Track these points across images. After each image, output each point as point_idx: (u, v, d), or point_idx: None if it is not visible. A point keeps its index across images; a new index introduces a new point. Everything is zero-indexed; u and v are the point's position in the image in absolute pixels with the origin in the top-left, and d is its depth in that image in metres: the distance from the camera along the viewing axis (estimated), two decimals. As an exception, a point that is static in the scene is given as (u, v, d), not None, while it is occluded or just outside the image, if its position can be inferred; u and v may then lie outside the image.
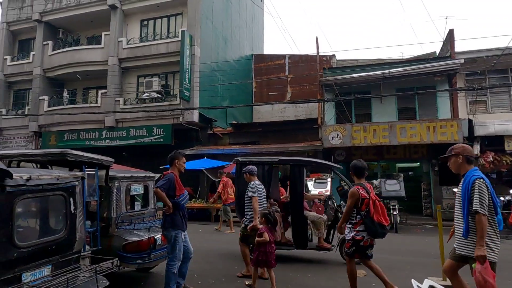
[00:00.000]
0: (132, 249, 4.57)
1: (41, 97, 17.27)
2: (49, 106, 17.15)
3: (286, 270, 5.82)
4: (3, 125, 18.33)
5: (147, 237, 4.68)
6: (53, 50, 17.52)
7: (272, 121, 17.13)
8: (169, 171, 4.55)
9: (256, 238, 4.75)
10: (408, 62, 14.90)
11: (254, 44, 23.38)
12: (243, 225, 5.60)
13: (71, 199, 3.21)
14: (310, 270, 5.86)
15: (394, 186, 10.65)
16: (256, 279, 4.82)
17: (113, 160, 4.80)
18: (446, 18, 19.78)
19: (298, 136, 15.12)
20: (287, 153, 12.97)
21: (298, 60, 20.33)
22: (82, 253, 3.54)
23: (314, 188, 11.61)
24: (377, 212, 4.12)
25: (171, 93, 16.07)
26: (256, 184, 5.48)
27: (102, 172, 4.80)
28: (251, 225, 5.18)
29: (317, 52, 15.22)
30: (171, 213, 4.32)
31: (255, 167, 5.88)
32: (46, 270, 2.82)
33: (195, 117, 14.91)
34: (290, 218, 6.61)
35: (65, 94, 17.39)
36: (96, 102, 16.64)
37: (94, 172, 4.55)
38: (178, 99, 15.06)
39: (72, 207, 3.19)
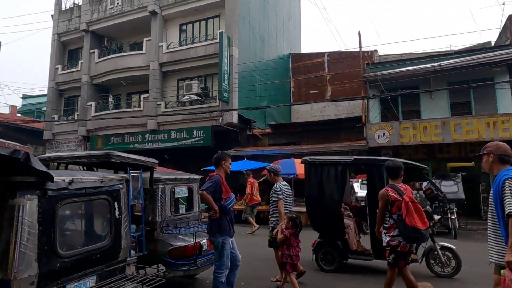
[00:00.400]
0: (178, 254, 4.39)
1: (88, 103, 18.09)
2: (96, 111, 17.93)
3: (342, 279, 5.38)
4: (56, 130, 19.47)
5: (193, 242, 4.47)
6: (99, 57, 18.30)
7: (312, 121, 16.56)
8: (214, 173, 4.30)
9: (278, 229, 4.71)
10: (460, 53, 13.71)
11: (292, 42, 22.95)
12: (270, 229, 5.30)
13: (116, 203, 3.03)
14: (373, 281, 5.29)
15: (451, 188, 9.74)
16: (296, 284, 4.61)
17: (157, 161, 4.66)
18: (504, 4, 18.06)
19: (340, 136, 14.49)
20: (330, 153, 12.40)
21: (338, 57, 19.58)
22: (127, 260, 3.36)
23: (360, 190, 10.97)
24: (411, 214, 3.78)
25: (210, 95, 16.10)
26: (280, 186, 5.16)
27: (146, 175, 4.67)
28: (276, 229, 4.94)
29: (360, 47, 14.51)
30: (218, 218, 4.05)
31: (279, 166, 5.53)
32: (90, 281, 2.64)
33: (234, 119, 14.80)
34: (367, 224, 6.06)
35: (110, 99, 18.12)
36: (139, 106, 17.11)
37: (138, 175, 4.41)
38: (217, 100, 15.04)
39: (117, 212, 3.01)
